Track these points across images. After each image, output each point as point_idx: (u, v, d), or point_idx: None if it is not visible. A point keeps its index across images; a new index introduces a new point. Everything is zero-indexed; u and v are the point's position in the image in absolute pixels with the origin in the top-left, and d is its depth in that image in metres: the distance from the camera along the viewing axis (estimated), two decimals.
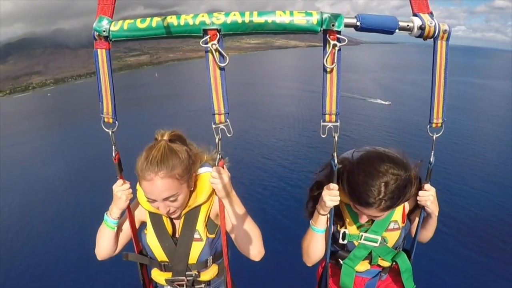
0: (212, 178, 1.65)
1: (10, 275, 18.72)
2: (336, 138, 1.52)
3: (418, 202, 1.80)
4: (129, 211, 1.87)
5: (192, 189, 1.84)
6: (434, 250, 16.47)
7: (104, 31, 1.43)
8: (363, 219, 1.83)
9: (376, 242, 1.93)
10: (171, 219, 1.94)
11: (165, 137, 1.77)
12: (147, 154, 1.68)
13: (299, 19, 1.33)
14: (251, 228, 1.79)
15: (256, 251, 1.80)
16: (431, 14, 1.42)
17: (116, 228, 1.86)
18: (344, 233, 1.94)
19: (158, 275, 2.00)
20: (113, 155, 1.67)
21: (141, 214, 1.97)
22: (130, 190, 1.80)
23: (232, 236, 1.86)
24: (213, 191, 1.79)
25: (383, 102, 59.54)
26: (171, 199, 1.69)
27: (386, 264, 2.04)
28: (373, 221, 1.93)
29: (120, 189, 1.76)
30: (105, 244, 1.89)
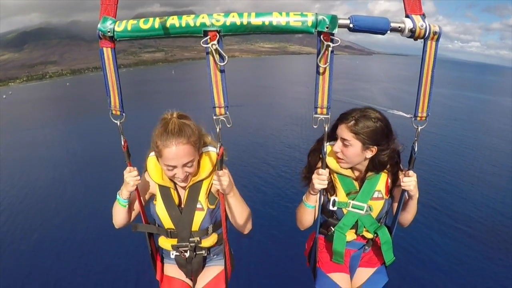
0: (215, 181, 1.91)
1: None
2: (326, 129, 1.66)
3: (402, 186, 1.96)
4: (137, 191, 2.09)
5: (198, 159, 2.09)
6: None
7: (108, 32, 1.49)
8: (337, 146, 2.07)
9: (363, 210, 2.15)
10: (178, 192, 2.19)
11: (175, 115, 2.00)
12: (164, 128, 1.92)
13: (295, 21, 1.36)
14: (244, 212, 2.13)
15: (246, 229, 2.18)
16: (423, 15, 1.46)
17: (127, 205, 2.12)
18: (334, 200, 2.17)
19: (165, 242, 2.27)
20: (122, 143, 1.85)
21: (151, 188, 2.23)
22: (138, 177, 2.00)
23: (229, 216, 2.14)
24: (214, 168, 2.08)
25: (405, 115, 58.10)
26: (189, 164, 1.96)
27: (369, 235, 2.28)
28: (360, 188, 2.17)
29: (129, 175, 1.97)
30: (120, 218, 2.16)
